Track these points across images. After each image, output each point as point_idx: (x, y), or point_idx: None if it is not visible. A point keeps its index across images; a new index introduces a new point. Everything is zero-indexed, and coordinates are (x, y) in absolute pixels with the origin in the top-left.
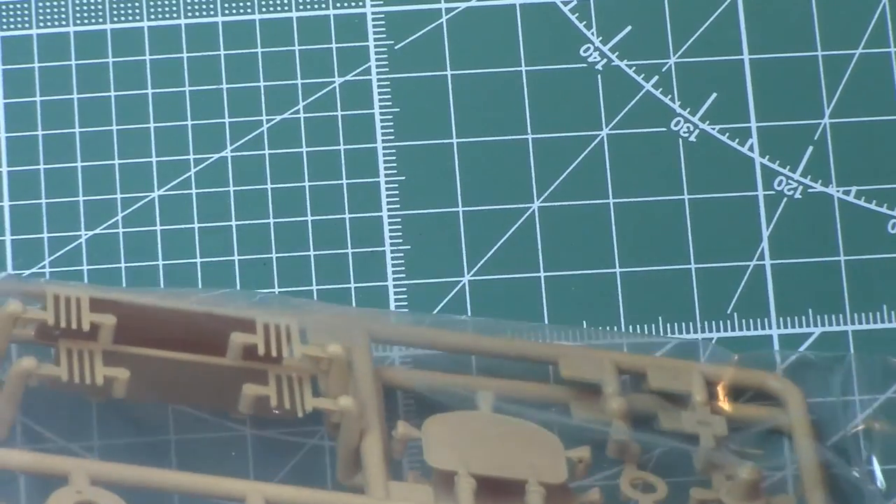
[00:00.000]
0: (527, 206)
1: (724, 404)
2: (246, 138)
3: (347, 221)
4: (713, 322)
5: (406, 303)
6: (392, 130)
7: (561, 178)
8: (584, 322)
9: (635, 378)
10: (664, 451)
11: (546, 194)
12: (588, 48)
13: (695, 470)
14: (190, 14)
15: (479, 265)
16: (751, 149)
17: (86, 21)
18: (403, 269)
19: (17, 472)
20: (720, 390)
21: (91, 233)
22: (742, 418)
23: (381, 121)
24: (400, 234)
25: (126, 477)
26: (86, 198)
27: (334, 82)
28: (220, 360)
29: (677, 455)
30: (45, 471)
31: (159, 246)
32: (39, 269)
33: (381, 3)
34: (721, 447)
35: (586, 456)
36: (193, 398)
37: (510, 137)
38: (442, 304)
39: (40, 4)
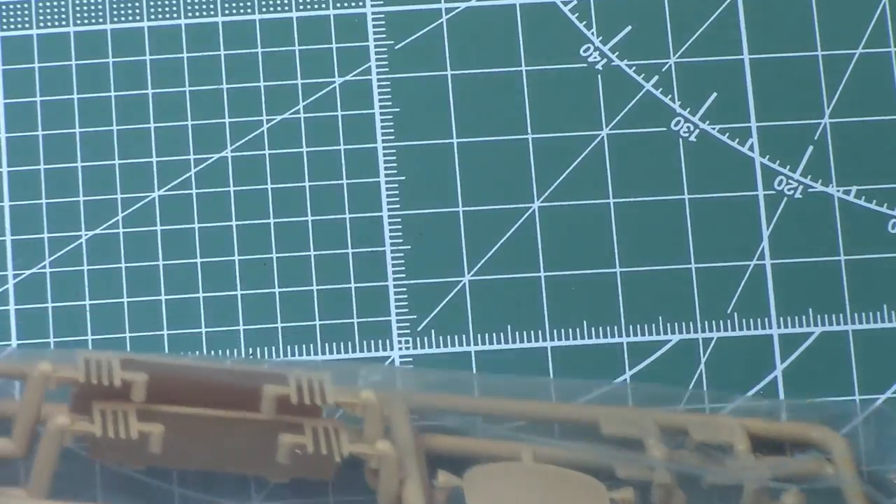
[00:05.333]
0: (527, 206)
1: (767, 458)
2: (246, 138)
3: (347, 221)
4: (713, 322)
5: (406, 303)
6: (392, 130)
7: (561, 178)
8: (585, 322)
9: (676, 438)
10: (710, 498)
11: (546, 194)
12: (588, 48)
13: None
14: (190, 14)
15: (479, 265)
16: (751, 149)
17: (86, 21)
18: (403, 269)
19: None
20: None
21: (91, 233)
22: (785, 468)
23: (381, 121)
24: (400, 234)
25: None
26: (86, 198)
27: (334, 82)
28: (255, 415)
29: (723, 498)
30: None
31: (159, 246)
32: (40, 269)
33: (381, 3)
34: (765, 490)
35: (630, 496)
36: (230, 460)
37: (510, 137)
38: (442, 304)
39: (40, 4)
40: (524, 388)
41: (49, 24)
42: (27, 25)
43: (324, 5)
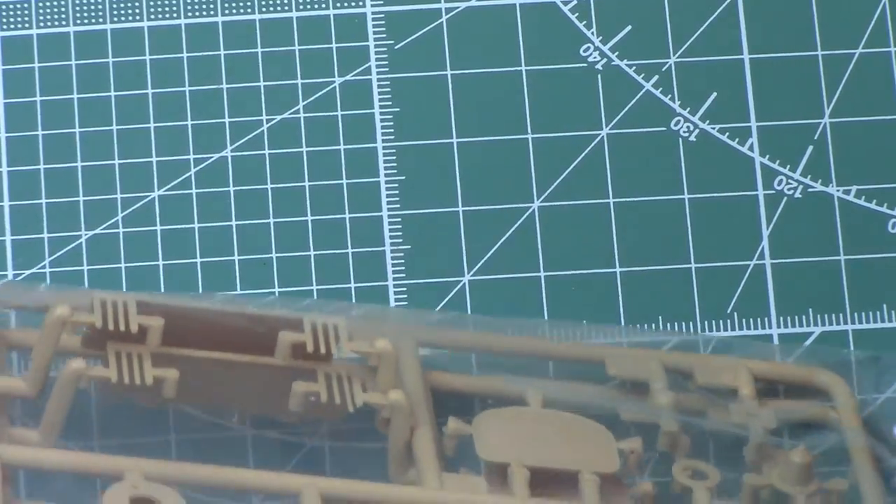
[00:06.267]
0: (527, 206)
1: (772, 400)
2: (246, 138)
3: (347, 221)
4: (713, 322)
5: (406, 303)
6: (392, 130)
7: (561, 178)
8: (585, 322)
9: (680, 379)
10: (715, 443)
11: (546, 194)
12: (588, 48)
13: (745, 459)
14: (190, 14)
15: (479, 265)
16: (751, 148)
17: (86, 21)
18: (403, 269)
19: (71, 472)
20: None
21: (91, 233)
22: (789, 414)
23: (381, 121)
24: (400, 234)
25: (180, 474)
26: (86, 198)
27: (334, 82)
28: (269, 360)
29: (727, 444)
30: (99, 471)
31: (159, 246)
32: (39, 269)
33: (381, 3)
34: (770, 439)
35: (638, 447)
36: (243, 401)
37: (510, 137)
38: (442, 304)
39: (40, 4)
40: (519, 331)
41: (49, 24)
42: (27, 25)
43: (324, 5)
